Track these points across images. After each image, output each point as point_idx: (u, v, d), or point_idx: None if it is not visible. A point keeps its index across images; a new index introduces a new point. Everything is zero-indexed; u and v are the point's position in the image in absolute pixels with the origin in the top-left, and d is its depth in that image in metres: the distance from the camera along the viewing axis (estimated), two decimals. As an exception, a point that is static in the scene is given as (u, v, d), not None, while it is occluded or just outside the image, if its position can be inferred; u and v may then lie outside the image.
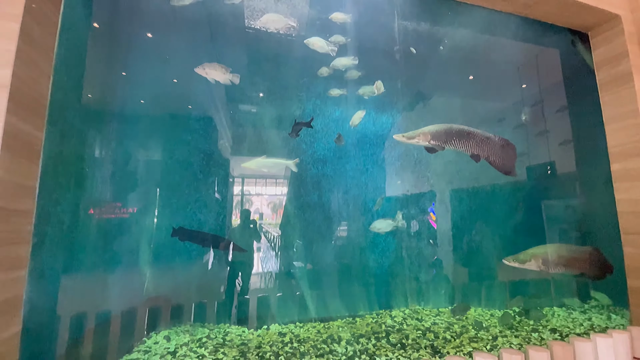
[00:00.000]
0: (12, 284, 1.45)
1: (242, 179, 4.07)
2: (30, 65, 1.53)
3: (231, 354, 2.41)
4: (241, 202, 4.28)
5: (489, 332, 2.85)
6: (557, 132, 4.48)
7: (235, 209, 4.01)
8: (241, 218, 4.01)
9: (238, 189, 4.07)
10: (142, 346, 2.53)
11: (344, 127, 4.15)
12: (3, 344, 1.40)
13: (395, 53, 3.85)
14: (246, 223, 3.94)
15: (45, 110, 1.64)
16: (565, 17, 3.08)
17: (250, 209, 4.22)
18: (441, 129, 2.58)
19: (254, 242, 3.99)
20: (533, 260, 2.60)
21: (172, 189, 3.15)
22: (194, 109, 3.55)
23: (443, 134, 2.55)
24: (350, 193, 4.54)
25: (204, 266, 3.38)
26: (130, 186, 2.90)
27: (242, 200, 4.34)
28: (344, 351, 2.51)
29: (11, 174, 1.42)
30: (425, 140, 2.55)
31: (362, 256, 4.27)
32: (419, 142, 2.56)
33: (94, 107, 2.59)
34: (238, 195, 4.18)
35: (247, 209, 4.10)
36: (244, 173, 3.90)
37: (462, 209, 4.68)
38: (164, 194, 3.11)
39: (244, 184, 4.16)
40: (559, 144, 4.42)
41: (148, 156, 3.25)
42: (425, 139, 2.54)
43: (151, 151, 3.27)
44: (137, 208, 2.93)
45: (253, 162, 3.03)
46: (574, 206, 3.91)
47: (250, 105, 4.18)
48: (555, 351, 1.57)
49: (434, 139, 2.53)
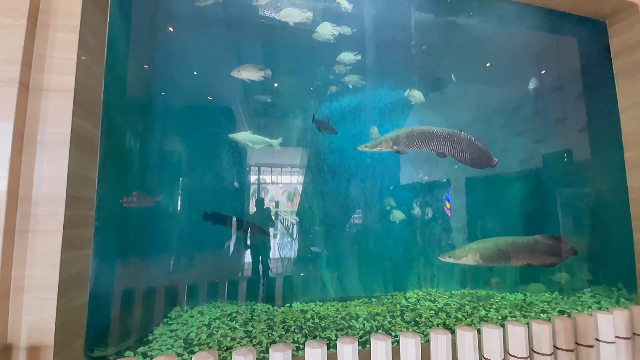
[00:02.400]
0: (80, 261, 1.71)
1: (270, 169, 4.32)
2: (87, 71, 1.74)
3: (259, 327, 2.67)
4: (257, 191, 4.52)
5: (499, 313, 3.02)
6: (573, 120, 4.47)
7: (258, 196, 4.26)
8: (259, 205, 4.28)
9: (263, 178, 4.31)
10: (179, 319, 2.82)
11: (361, 118, 4.28)
12: (76, 310, 1.67)
13: (411, 47, 3.92)
14: (264, 210, 4.21)
15: (100, 110, 1.86)
16: (582, 6, 3.08)
17: (273, 197, 4.47)
18: (402, 134, 2.64)
19: (273, 227, 4.26)
20: (470, 256, 2.57)
21: (203, 176, 3.41)
22: (216, 101, 3.75)
23: (404, 138, 2.62)
24: (366, 182, 4.70)
25: (231, 249, 3.64)
26: (169, 175, 3.16)
27: (258, 189, 4.58)
28: (362, 326, 2.73)
29: (79, 167, 1.65)
30: (387, 147, 2.63)
31: (377, 241, 4.46)
32: (382, 150, 2.65)
33: (134, 104, 2.83)
34: (267, 184, 4.43)
35: (269, 197, 4.35)
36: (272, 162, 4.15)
37: (476, 196, 4.78)
38: (196, 182, 3.36)
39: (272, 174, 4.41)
40: (578, 130, 4.42)
41: (177, 147, 3.49)
42: (387, 145, 2.63)
43: (180, 143, 3.52)
44: (171, 196, 3.19)
45: (240, 135, 3.16)
46: (588, 193, 3.96)
47: (268, 95, 4.34)
48: (556, 324, 1.73)
49: (396, 144, 2.61)
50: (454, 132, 2.61)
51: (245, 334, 2.53)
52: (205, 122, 3.31)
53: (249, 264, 3.99)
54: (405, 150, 2.63)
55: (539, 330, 1.66)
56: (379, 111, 4.42)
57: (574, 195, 4.09)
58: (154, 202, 3.00)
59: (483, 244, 2.68)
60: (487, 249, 2.59)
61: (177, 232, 3.16)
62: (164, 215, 3.11)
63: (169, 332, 2.56)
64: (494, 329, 1.60)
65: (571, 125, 4.51)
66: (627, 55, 3.05)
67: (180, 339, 2.45)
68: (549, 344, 1.65)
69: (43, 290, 1.53)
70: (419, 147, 2.62)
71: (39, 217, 1.55)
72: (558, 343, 1.72)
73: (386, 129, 4.51)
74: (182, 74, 3.26)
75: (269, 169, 4.78)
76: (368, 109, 4.37)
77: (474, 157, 2.60)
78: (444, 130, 2.61)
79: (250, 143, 3.16)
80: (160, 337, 2.48)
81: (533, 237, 2.68)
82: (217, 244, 3.52)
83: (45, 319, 1.53)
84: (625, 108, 3.07)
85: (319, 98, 4.17)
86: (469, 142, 2.59)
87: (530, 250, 2.61)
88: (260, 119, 4.09)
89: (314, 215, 4.39)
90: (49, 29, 1.69)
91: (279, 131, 4.21)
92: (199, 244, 3.48)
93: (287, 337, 2.49)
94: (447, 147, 2.59)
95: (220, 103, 3.46)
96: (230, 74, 2.93)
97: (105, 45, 1.92)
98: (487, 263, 2.57)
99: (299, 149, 4.37)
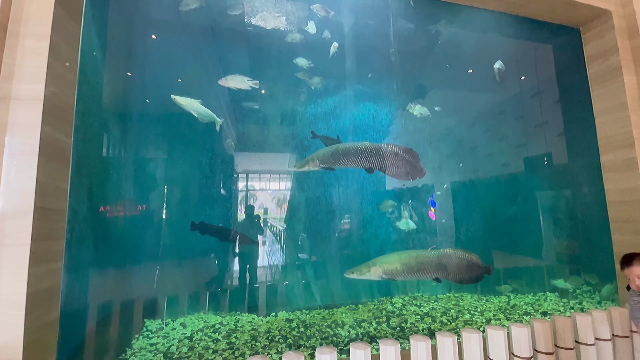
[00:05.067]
0: (51, 274, 1.65)
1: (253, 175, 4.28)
2: (58, 79, 1.70)
3: (243, 338, 2.62)
4: (246, 198, 4.48)
5: (484, 316, 3.04)
6: (552, 125, 4.59)
7: (241, 204, 4.21)
8: (247, 212, 4.22)
9: (246, 184, 4.26)
10: (160, 332, 2.74)
11: (343, 122, 4.29)
12: (47, 326, 1.61)
13: (391, 54, 3.97)
14: (252, 217, 4.16)
15: (72, 118, 1.82)
16: (556, 14, 3.19)
17: (261, 204, 4.43)
18: (327, 152, 2.66)
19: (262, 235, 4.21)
20: (372, 271, 2.54)
21: (185, 186, 3.35)
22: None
23: (330, 156, 2.63)
24: (351, 188, 4.70)
25: (216, 259, 3.58)
26: (145, 184, 3.10)
27: (246, 195, 4.54)
28: (347, 334, 2.71)
29: (48, 178, 1.60)
30: (315, 166, 2.65)
31: (363, 247, 4.44)
32: (309, 169, 2.68)
33: (111, 112, 2.77)
34: (243, 190, 4.38)
35: (251, 205, 4.31)
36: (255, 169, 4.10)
37: (460, 201, 4.83)
38: (177, 191, 3.30)
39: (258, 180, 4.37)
40: (557, 134, 4.54)
41: (159, 155, 3.43)
42: (314, 165, 2.65)
43: (161, 151, 3.46)
44: (151, 205, 3.12)
45: (184, 100, 2.99)
46: (567, 196, 4.06)
47: (254, 102, 4.32)
48: (535, 327, 1.74)
49: (322, 163, 2.62)
50: (380, 147, 2.62)
51: (228, 346, 2.47)
52: (186, 129, 3.27)
53: (235, 273, 3.93)
54: (333, 167, 2.65)
55: (518, 333, 1.67)
56: (363, 118, 4.44)
57: (553, 198, 4.18)
58: (133, 212, 2.93)
59: (386, 258, 2.64)
60: (390, 263, 2.57)
61: (158, 242, 3.09)
62: (143, 225, 3.04)
63: (148, 347, 2.48)
64: (474, 334, 1.60)
65: (551, 130, 4.62)
66: (601, 61, 3.15)
67: (160, 352, 2.38)
68: (528, 348, 1.66)
69: (10, 306, 1.46)
70: (345, 164, 2.63)
71: (6, 231, 1.49)
72: (538, 346, 1.73)
73: (370, 135, 4.54)
74: (163, 81, 3.22)
75: (256, 175, 4.74)
76: (352, 115, 4.39)
77: (402, 169, 2.61)
78: (370, 145, 2.62)
79: (194, 112, 2.96)
80: (140, 352, 2.40)
81: (444, 250, 2.64)
82: (201, 253, 3.45)
83: (13, 335, 1.47)
84: (599, 112, 3.16)
85: (302, 104, 4.18)
86: (396, 155, 2.60)
87: (437, 264, 2.57)
88: (244, 125, 4.06)
89: (301, 222, 4.37)
90: (18, 37, 1.65)
91: (265, 137, 4.19)
92: (181, 254, 3.41)
93: (270, 348, 2.45)
94: (373, 162, 2.60)
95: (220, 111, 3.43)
96: (218, 83, 2.90)
97: (78, 53, 1.88)
98: (392, 277, 2.55)
99: (286, 155, 4.35)
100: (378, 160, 2.58)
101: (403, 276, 2.56)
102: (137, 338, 2.63)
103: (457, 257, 2.59)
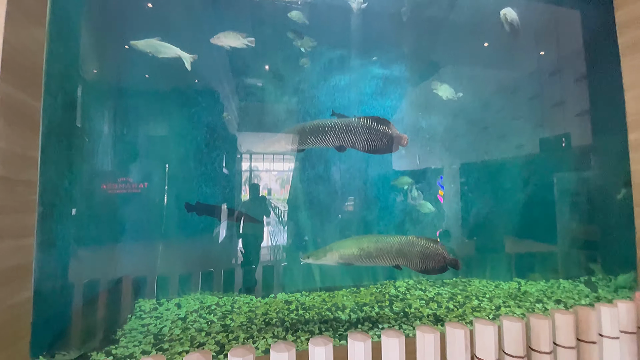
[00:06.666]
0: (21, 251, 1.50)
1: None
2: (22, 32, 1.50)
3: (239, 320, 2.50)
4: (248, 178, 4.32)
5: (492, 303, 2.88)
6: (573, 102, 4.28)
7: (250, 184, 4.06)
8: (253, 194, 4.06)
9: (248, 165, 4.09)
10: (154, 312, 2.64)
11: (348, 97, 4.04)
12: (16, 307, 1.47)
13: (404, 19, 3.65)
14: (259, 199, 4.00)
15: (41, 80, 1.62)
16: (588, -26, 2.85)
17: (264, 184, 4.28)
18: (294, 132, 2.44)
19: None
20: (328, 256, 2.41)
21: (175, 160, 3.18)
22: (200, 82, 3.48)
23: (297, 136, 2.42)
24: (356, 167, 4.50)
25: (215, 238, 3.45)
26: (133, 157, 2.92)
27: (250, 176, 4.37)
28: (348, 318, 2.58)
29: (11, 144, 1.42)
30: (281, 147, 2.43)
31: (367, 229, 4.29)
32: (276, 149, 2.46)
33: (95, 80, 2.56)
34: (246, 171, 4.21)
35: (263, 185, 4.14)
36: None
37: (470, 183, 4.61)
38: (165, 165, 3.13)
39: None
40: (575, 114, 4.23)
41: (156, 131, 3.25)
42: (280, 145, 2.44)
43: (157, 125, 3.27)
44: (138, 178, 2.95)
45: (142, 42, 2.73)
46: (588, 178, 3.80)
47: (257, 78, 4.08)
48: (557, 319, 1.56)
49: (289, 144, 2.40)
50: (351, 121, 2.37)
51: (222, 328, 2.36)
52: (179, 100, 3.05)
53: (236, 253, 3.81)
54: (302, 148, 2.42)
55: (539, 325, 1.49)
56: (370, 90, 4.18)
57: (572, 181, 3.93)
58: (123, 188, 2.77)
59: (343, 243, 2.50)
60: (347, 248, 2.41)
61: (151, 219, 2.95)
62: (133, 200, 2.88)
63: (140, 327, 2.38)
64: (489, 325, 1.43)
65: (572, 108, 4.31)
66: (634, 29, 2.83)
67: (151, 334, 2.27)
68: (548, 341, 1.49)
69: (-26, 285, 1.33)
70: (314, 143, 2.40)
71: (-33, 203, 1.33)
72: (558, 340, 1.56)
73: (376, 109, 4.29)
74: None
75: (255, 156, 4.55)
76: (358, 88, 4.13)
77: (378, 143, 2.36)
78: (339, 121, 2.37)
79: (154, 51, 2.71)
80: (130, 333, 2.30)
81: (406, 237, 2.45)
82: (198, 232, 3.32)
83: (-19, 317, 1.34)
84: (630, 86, 2.87)
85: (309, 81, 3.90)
86: (369, 129, 2.35)
87: (397, 251, 2.39)
88: (242, 101, 3.83)
89: (305, 203, 4.20)
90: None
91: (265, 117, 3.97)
92: (179, 232, 3.28)
93: (267, 331, 2.32)
94: (344, 139, 2.35)
95: (199, 80, 3.19)
96: (210, 41, 2.64)
97: (46, 5, 1.66)
98: (349, 263, 2.39)
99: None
100: (349, 137, 2.35)
101: (361, 262, 2.42)
102: (130, 318, 2.53)
103: (420, 246, 2.41)
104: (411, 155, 4.93)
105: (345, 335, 2.27)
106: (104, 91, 2.75)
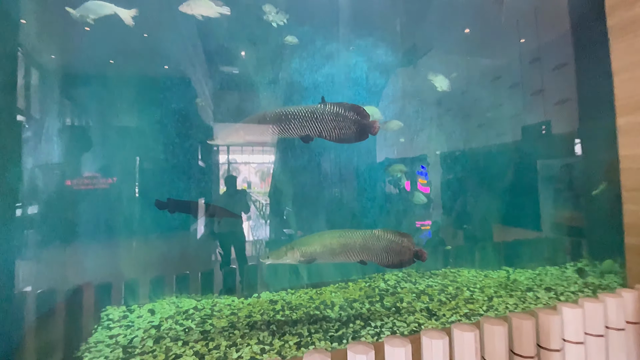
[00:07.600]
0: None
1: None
2: None
3: (219, 325, 2.30)
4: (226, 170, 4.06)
5: (484, 293, 2.81)
6: (554, 89, 4.27)
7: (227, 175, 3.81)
8: (229, 187, 3.80)
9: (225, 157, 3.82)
10: (124, 320, 2.38)
11: (336, 82, 3.84)
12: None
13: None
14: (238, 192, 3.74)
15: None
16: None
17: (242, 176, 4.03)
18: (253, 121, 2.22)
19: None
20: (289, 255, 2.28)
21: (146, 150, 2.88)
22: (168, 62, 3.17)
23: (257, 126, 2.20)
24: (341, 157, 4.34)
25: (192, 236, 3.19)
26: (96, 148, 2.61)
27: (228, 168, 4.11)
28: (338, 316, 2.43)
29: None
30: (239, 138, 2.23)
31: (352, 220, 4.16)
32: (234, 141, 2.26)
33: (38, 58, 2.21)
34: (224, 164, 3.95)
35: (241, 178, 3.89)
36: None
37: (455, 172, 4.56)
38: (129, 156, 2.83)
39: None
40: (554, 103, 4.23)
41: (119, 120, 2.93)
42: (239, 137, 2.24)
43: (121, 113, 2.95)
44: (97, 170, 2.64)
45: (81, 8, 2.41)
46: (572, 165, 3.80)
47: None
48: (565, 313, 1.47)
49: (248, 135, 2.20)
50: (316, 108, 2.15)
51: (202, 336, 2.14)
52: (145, 84, 2.75)
53: (215, 251, 3.57)
54: (261, 140, 2.21)
55: (547, 322, 1.38)
56: (354, 78, 3.99)
57: (558, 167, 3.93)
58: (83, 182, 2.47)
59: (305, 240, 2.37)
60: (309, 245, 2.28)
61: (118, 217, 2.66)
62: (96, 196, 2.58)
63: (107, 339, 2.12)
64: (498, 325, 1.30)
65: (552, 93, 4.31)
66: (624, 11, 2.78)
67: (120, 347, 2.03)
68: (558, 338, 1.39)
69: None
70: (276, 134, 2.17)
71: None
72: (567, 336, 1.46)
73: (361, 96, 4.12)
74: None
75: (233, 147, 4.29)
76: (341, 75, 3.93)
77: (347, 131, 2.15)
78: (303, 108, 2.16)
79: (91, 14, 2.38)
80: (96, 347, 2.04)
81: (370, 231, 2.33)
82: (172, 229, 3.05)
83: None
84: (619, 70, 2.82)
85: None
86: (337, 115, 2.14)
87: (362, 246, 2.28)
88: (218, 88, 3.55)
89: (286, 195, 4.00)
90: None
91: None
92: (151, 231, 3.01)
93: (251, 337, 2.13)
94: (310, 128, 2.13)
95: (169, 65, 2.89)
96: (179, 9, 2.32)
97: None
98: (312, 261, 2.27)
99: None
100: (316, 125, 2.13)
101: (324, 259, 2.27)
102: (96, 329, 2.27)
103: (386, 240, 2.28)
104: (395, 144, 4.81)
105: (337, 337, 2.12)
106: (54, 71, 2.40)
